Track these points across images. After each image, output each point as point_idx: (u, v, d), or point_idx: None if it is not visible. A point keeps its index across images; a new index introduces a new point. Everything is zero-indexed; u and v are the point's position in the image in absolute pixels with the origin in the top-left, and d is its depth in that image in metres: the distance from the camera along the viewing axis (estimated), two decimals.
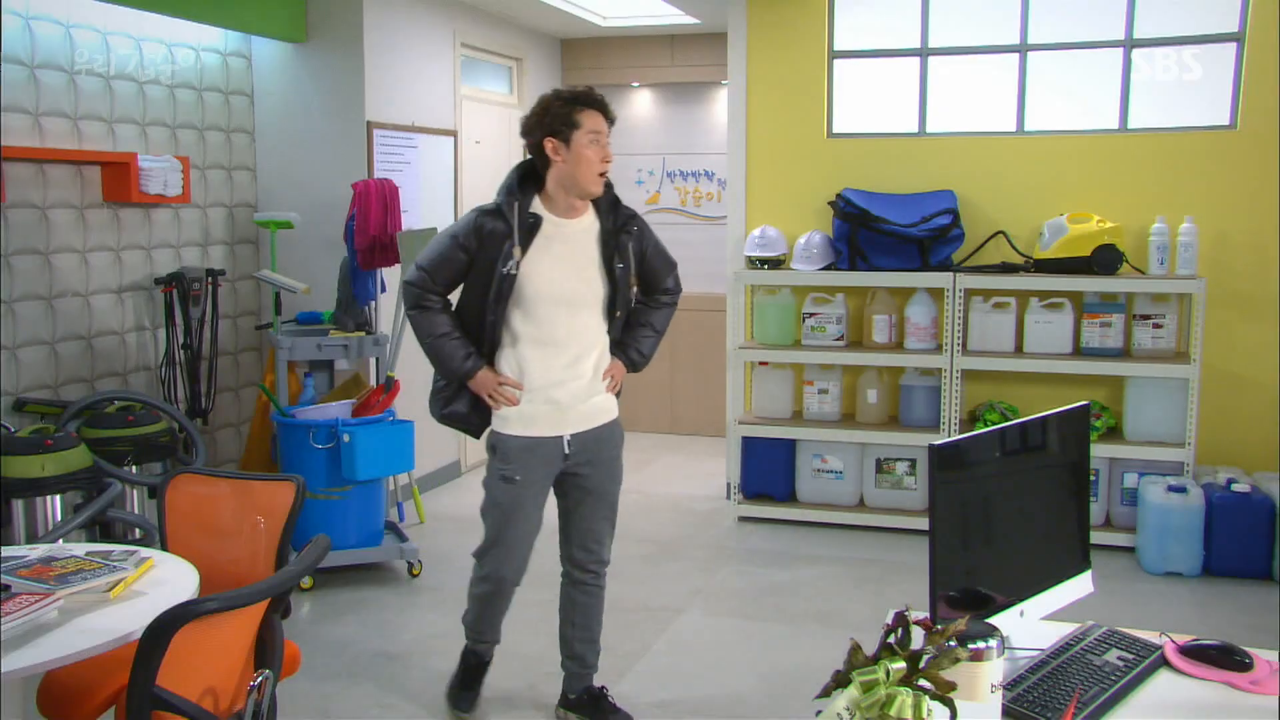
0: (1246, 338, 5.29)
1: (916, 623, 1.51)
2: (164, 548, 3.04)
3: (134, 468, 4.45)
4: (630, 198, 7.97)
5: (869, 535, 5.56)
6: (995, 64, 5.63)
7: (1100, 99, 5.49)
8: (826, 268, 5.60)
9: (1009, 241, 5.51)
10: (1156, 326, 5.22)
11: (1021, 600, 2.12)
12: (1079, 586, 2.25)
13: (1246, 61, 5.19)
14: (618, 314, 3.40)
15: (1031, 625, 2.14)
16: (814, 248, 5.61)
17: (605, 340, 3.44)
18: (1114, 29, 5.40)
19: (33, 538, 4.04)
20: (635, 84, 7.82)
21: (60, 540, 3.97)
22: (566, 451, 3.39)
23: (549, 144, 3.24)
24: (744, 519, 5.79)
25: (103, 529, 4.29)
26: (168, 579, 2.63)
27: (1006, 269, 5.38)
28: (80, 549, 2.75)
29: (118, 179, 4.82)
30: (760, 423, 5.75)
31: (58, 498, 4.09)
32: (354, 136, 5.63)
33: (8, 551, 2.73)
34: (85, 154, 4.68)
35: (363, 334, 5.13)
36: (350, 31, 5.57)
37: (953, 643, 1.52)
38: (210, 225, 5.46)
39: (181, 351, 5.05)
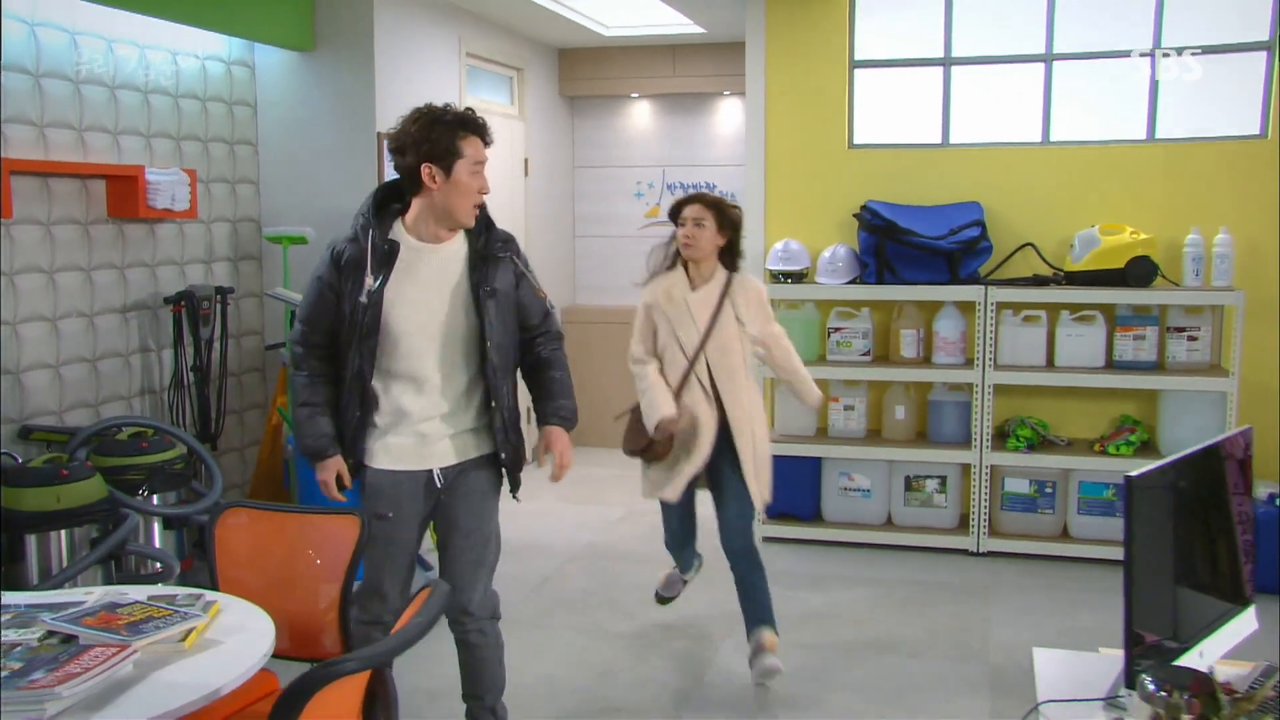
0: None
1: (1199, 687, 1.36)
2: (214, 588, 2.84)
3: (152, 498, 4.22)
4: (629, 210, 7.85)
5: (898, 555, 5.43)
6: (1020, 73, 5.55)
7: (1127, 109, 5.42)
8: (852, 281, 5.48)
9: (1038, 253, 5.42)
10: (1191, 339, 5.15)
11: (1198, 640, 1.98)
12: (1245, 623, 2.12)
13: (1278, 70, 5.15)
14: (488, 344, 3.11)
15: (1210, 666, 2.00)
16: (839, 261, 5.48)
17: (480, 375, 3.16)
18: (1141, 38, 5.33)
19: (45, 575, 3.79)
20: (635, 94, 7.66)
21: (76, 578, 3.75)
22: (439, 485, 3.19)
23: (426, 170, 3.01)
24: (768, 539, 5.63)
25: (116, 563, 4.05)
26: (240, 625, 2.43)
27: (1038, 281, 5.28)
28: (140, 592, 2.54)
29: (124, 193, 4.58)
30: (784, 440, 5.59)
31: (73, 532, 3.86)
32: (363, 148, 5.43)
33: (59, 597, 2.51)
34: (92, 167, 4.44)
35: None
36: (360, 40, 5.37)
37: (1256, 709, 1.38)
38: (214, 241, 5.23)
39: (191, 373, 4.82)
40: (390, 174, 5.52)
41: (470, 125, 3.06)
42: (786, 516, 5.66)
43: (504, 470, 3.28)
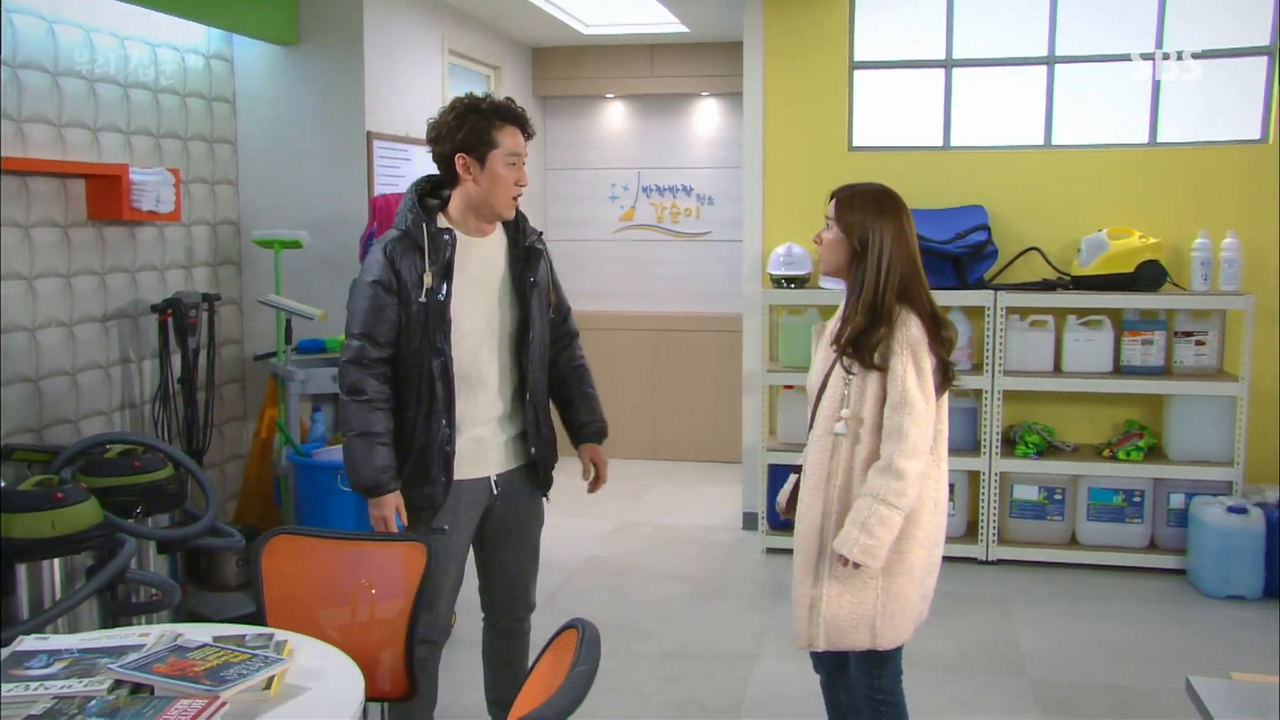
0: None
1: None
2: (262, 623, 2.61)
3: (147, 520, 3.93)
4: (604, 214, 7.66)
5: None
6: (1022, 76, 5.50)
7: (1128, 113, 5.39)
8: None
9: (1044, 258, 5.36)
10: (1199, 344, 5.13)
11: None
12: None
13: (1279, 75, 5.16)
14: (531, 338, 3.03)
15: None
16: None
17: (521, 371, 3.05)
18: (1143, 41, 5.31)
19: (37, 608, 3.49)
20: (610, 95, 7.48)
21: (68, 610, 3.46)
22: (494, 493, 3.07)
23: (460, 161, 2.90)
24: (773, 550, 5.50)
25: (110, 592, 3.75)
26: (319, 668, 2.22)
27: (1048, 286, 5.23)
28: (202, 632, 2.29)
29: (105, 194, 4.27)
30: (788, 449, 5.46)
31: (68, 560, 3.56)
32: (352, 148, 5.17)
33: (111, 639, 2.27)
34: (77, 165, 4.13)
35: None
36: (348, 35, 5.11)
37: None
38: (194, 245, 4.93)
39: (178, 385, 4.52)
40: (378, 174, 5.30)
41: (507, 115, 2.94)
42: (790, 527, 5.50)
43: (538, 467, 3.16)
